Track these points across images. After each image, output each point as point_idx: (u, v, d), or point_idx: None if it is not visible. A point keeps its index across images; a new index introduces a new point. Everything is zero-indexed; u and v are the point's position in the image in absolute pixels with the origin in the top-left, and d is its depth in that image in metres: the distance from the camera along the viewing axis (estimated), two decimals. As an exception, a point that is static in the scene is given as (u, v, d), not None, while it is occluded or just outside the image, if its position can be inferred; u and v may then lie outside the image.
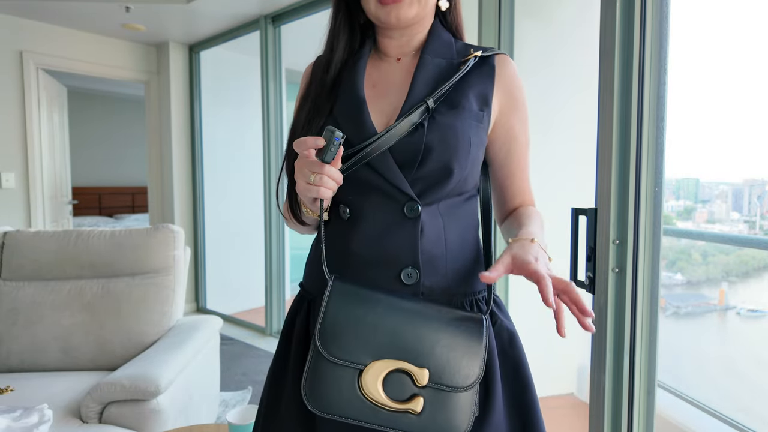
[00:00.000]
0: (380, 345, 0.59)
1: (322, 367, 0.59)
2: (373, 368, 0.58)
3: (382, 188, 0.71)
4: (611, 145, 1.09)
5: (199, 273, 4.29)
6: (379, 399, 0.57)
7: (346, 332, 0.59)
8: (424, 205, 0.72)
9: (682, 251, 2.51)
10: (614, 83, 1.08)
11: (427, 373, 0.59)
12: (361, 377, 0.58)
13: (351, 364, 0.58)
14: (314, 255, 0.81)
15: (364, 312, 0.61)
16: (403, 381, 0.59)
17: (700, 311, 2.53)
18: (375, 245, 0.70)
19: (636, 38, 1.06)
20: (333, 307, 0.61)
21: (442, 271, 0.73)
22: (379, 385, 0.58)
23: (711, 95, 2.10)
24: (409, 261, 0.71)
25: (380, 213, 0.72)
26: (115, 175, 6.72)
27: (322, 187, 0.63)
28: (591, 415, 1.16)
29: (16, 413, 1.32)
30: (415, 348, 0.60)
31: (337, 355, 0.58)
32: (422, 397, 0.59)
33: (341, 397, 0.58)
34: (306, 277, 0.83)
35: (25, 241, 1.94)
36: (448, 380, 0.60)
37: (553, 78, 2.41)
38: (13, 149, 3.39)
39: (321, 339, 0.59)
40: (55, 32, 3.57)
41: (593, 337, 1.15)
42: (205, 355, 1.91)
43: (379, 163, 0.71)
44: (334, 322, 0.60)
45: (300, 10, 3.23)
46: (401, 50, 0.82)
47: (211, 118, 4.18)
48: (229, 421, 1.09)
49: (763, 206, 2.14)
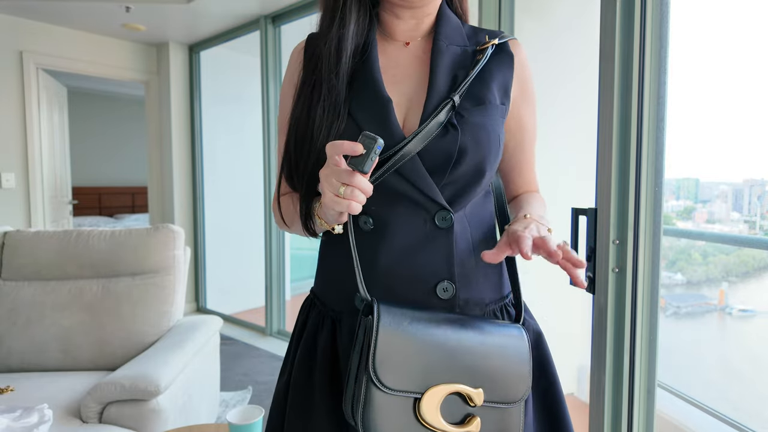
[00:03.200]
0: (434, 369, 0.56)
1: (377, 397, 0.55)
2: (431, 394, 0.55)
3: (411, 197, 0.65)
4: (611, 145, 1.09)
5: (199, 273, 4.29)
6: (440, 426, 0.55)
7: (399, 360, 0.56)
8: (456, 211, 0.67)
9: (682, 251, 2.51)
10: (614, 83, 1.08)
11: (482, 393, 0.57)
12: (419, 404, 0.55)
13: (408, 395, 0.55)
14: (335, 268, 0.73)
15: (413, 335, 0.57)
16: (456, 402, 0.57)
17: (700, 311, 2.53)
18: (406, 259, 0.64)
19: (636, 38, 1.06)
20: (384, 335, 0.56)
21: (474, 280, 0.69)
22: (437, 411, 0.55)
23: (711, 95, 2.10)
24: (445, 275, 0.66)
25: (409, 224, 0.65)
26: (115, 175, 6.72)
27: (354, 201, 0.55)
28: (591, 415, 1.16)
29: (16, 413, 1.32)
30: (468, 368, 0.57)
31: (394, 387, 0.55)
32: (478, 416, 0.57)
33: (398, 426, 0.55)
34: (323, 289, 0.76)
35: (25, 241, 1.94)
36: (502, 397, 0.58)
37: (553, 78, 2.41)
38: (13, 149, 3.39)
39: (375, 371, 0.55)
40: (55, 32, 3.57)
41: (593, 337, 1.15)
42: (205, 355, 1.91)
43: (408, 169, 0.63)
44: (385, 350, 0.56)
45: (300, 10, 3.23)
46: (410, 34, 0.74)
47: (211, 118, 4.18)
48: (229, 421, 1.09)
49: (763, 206, 2.14)
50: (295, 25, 3.38)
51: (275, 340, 3.55)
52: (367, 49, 0.71)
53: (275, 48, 3.46)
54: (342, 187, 0.55)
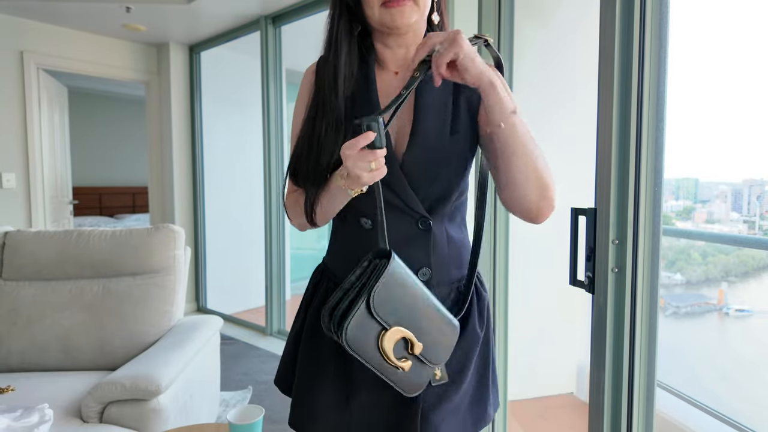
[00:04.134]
0: (403, 316, 0.75)
1: (360, 316, 0.72)
2: (393, 331, 0.75)
3: (399, 206, 0.83)
4: (611, 145, 1.10)
5: (199, 273, 4.29)
6: (389, 353, 0.75)
7: (391, 300, 0.75)
8: (433, 217, 0.85)
9: (681, 251, 2.51)
10: (614, 83, 1.08)
11: (421, 346, 0.77)
12: (384, 334, 0.74)
13: (383, 323, 0.73)
14: (346, 246, 0.92)
15: (409, 290, 0.76)
16: (403, 345, 0.76)
17: (700, 311, 2.53)
18: (396, 251, 0.79)
19: (636, 38, 1.07)
20: (390, 278, 0.74)
21: (446, 267, 0.88)
22: (391, 344, 0.75)
23: (710, 95, 2.10)
24: (424, 263, 0.85)
25: (398, 226, 0.84)
26: (116, 175, 6.72)
27: (383, 168, 0.72)
28: (591, 415, 1.16)
29: (16, 413, 1.32)
30: (421, 327, 0.77)
31: (379, 313, 0.73)
32: (410, 361, 0.77)
33: (365, 342, 0.73)
34: (335, 262, 0.93)
35: (26, 241, 1.94)
36: (431, 357, 0.78)
37: (552, 78, 2.41)
38: (14, 149, 3.39)
39: (373, 297, 0.73)
40: (56, 32, 3.58)
41: (593, 336, 1.16)
42: (206, 354, 1.92)
43: (397, 186, 0.82)
44: (386, 288, 0.74)
45: (300, 11, 3.23)
46: (398, 63, 0.88)
47: (211, 119, 4.18)
48: (229, 421, 1.09)
49: (762, 206, 2.14)
50: (296, 26, 3.38)
51: (275, 340, 3.55)
52: (364, 73, 0.86)
53: (275, 48, 3.46)
54: (372, 162, 0.70)
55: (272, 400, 2.54)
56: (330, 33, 0.86)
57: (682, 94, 1.81)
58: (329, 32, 0.86)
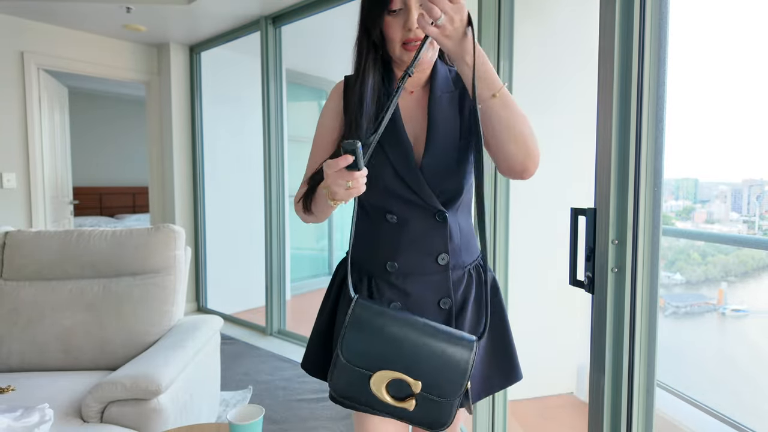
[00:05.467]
0: (386, 358, 0.77)
1: (343, 367, 0.77)
2: (379, 375, 0.76)
3: (419, 203, 0.98)
4: (610, 145, 1.10)
5: (199, 273, 4.29)
6: (382, 396, 0.76)
7: (361, 345, 0.77)
8: (448, 211, 0.99)
9: (681, 251, 2.51)
10: (613, 83, 1.08)
11: (420, 384, 0.77)
12: (371, 378, 0.76)
13: (362, 370, 0.76)
14: (371, 244, 1.03)
15: (379, 330, 0.78)
16: (403, 384, 0.78)
17: (699, 311, 2.53)
18: (419, 240, 0.97)
19: (635, 38, 1.07)
20: (356, 325, 0.78)
21: (458, 251, 1.03)
22: (383, 386, 0.76)
23: (710, 95, 2.10)
24: (443, 250, 1.00)
25: (420, 219, 0.99)
26: (116, 175, 6.72)
27: (360, 187, 0.80)
28: (590, 415, 1.16)
29: (17, 413, 1.32)
30: (413, 364, 0.78)
31: (352, 362, 0.76)
32: (415, 399, 0.77)
33: (355, 389, 0.77)
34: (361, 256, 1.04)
35: (27, 241, 1.94)
36: (437, 392, 0.78)
37: (552, 78, 2.41)
38: (15, 149, 3.40)
39: (342, 347, 0.76)
40: (56, 33, 3.58)
41: (592, 336, 1.16)
42: (206, 354, 1.92)
43: (417, 185, 0.96)
44: (354, 335, 0.77)
45: (300, 11, 3.23)
46: (413, 85, 1.03)
47: (211, 119, 4.18)
48: (229, 421, 1.09)
49: (762, 206, 2.14)
50: (296, 26, 3.38)
51: (276, 340, 3.55)
52: (389, 94, 0.99)
53: (276, 49, 3.46)
54: (349, 182, 0.78)
55: (272, 400, 2.55)
56: (358, 63, 1.00)
57: (681, 94, 1.81)
58: (357, 63, 1.00)
